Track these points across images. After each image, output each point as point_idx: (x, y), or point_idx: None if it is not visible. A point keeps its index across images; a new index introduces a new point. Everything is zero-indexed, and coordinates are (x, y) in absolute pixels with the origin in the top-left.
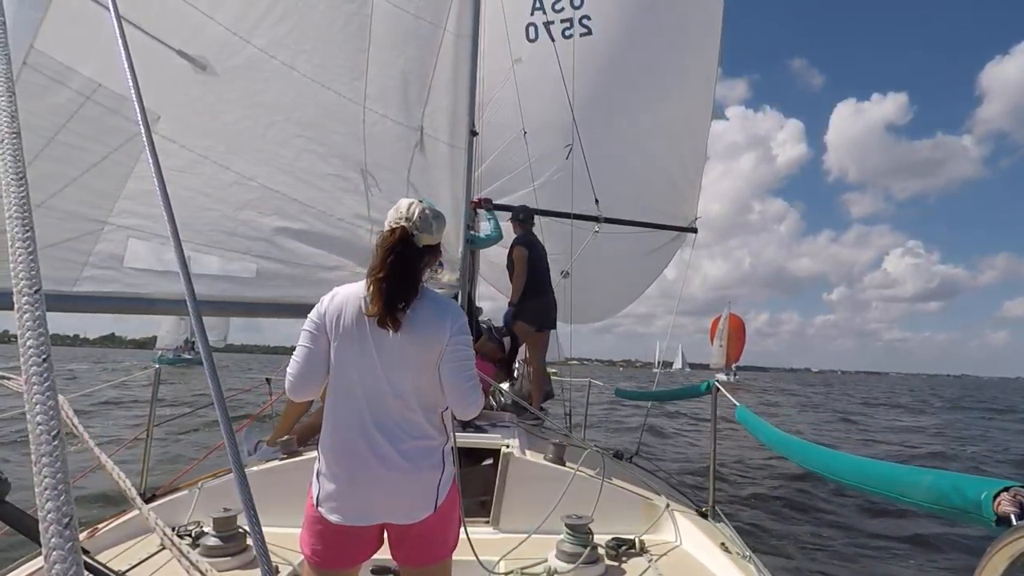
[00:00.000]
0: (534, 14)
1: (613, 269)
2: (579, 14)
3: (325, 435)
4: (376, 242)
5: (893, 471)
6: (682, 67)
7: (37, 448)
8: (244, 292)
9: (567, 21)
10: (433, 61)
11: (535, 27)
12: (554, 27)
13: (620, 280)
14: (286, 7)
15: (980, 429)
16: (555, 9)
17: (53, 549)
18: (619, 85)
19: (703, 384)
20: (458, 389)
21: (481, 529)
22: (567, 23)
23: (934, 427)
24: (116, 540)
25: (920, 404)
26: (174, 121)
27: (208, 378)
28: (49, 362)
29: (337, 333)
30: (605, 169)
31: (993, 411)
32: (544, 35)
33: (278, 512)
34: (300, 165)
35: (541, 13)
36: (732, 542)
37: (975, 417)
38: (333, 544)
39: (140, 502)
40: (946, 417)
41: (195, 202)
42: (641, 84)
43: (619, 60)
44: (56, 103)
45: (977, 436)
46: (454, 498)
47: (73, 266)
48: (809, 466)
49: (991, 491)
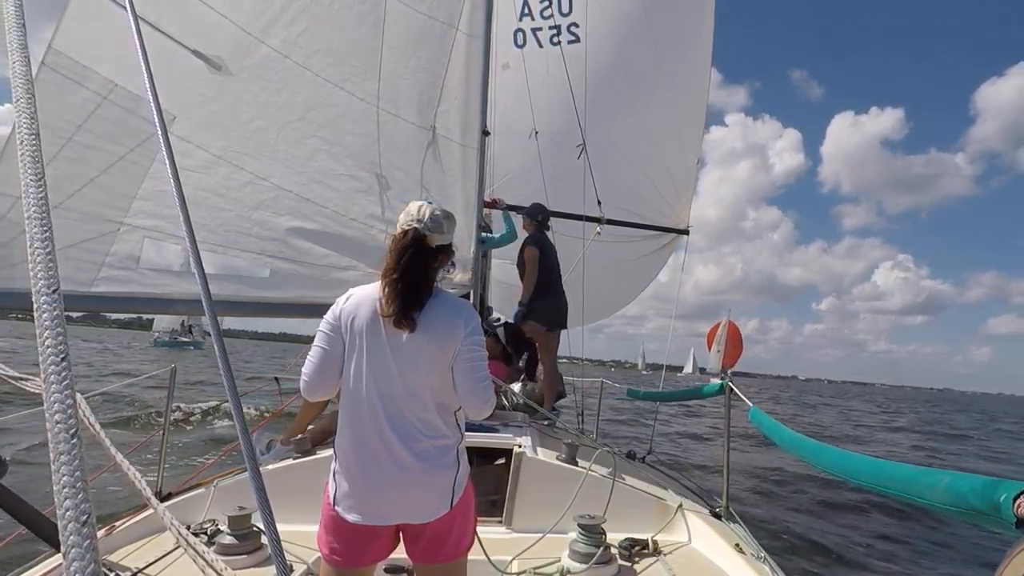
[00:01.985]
0: (522, 20)
1: (606, 273)
2: (567, 21)
3: (341, 435)
4: (388, 244)
5: (910, 472)
6: (673, 73)
7: (55, 447)
8: (258, 292)
9: (555, 28)
10: (446, 61)
11: (523, 33)
12: (542, 33)
13: (613, 284)
14: (300, 7)
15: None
16: (543, 16)
17: (72, 547)
18: (608, 91)
19: (715, 384)
20: (471, 389)
21: (494, 529)
22: (555, 30)
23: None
24: (132, 538)
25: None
26: (189, 121)
27: (224, 379)
28: (67, 361)
29: (352, 334)
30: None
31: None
32: (532, 41)
33: (292, 511)
34: (314, 165)
35: (529, 19)
36: (746, 543)
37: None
38: (351, 543)
39: (155, 501)
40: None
41: (210, 202)
42: (629, 90)
43: (607, 67)
44: (74, 103)
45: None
46: (469, 497)
47: (90, 266)
48: (824, 467)
49: (1011, 493)
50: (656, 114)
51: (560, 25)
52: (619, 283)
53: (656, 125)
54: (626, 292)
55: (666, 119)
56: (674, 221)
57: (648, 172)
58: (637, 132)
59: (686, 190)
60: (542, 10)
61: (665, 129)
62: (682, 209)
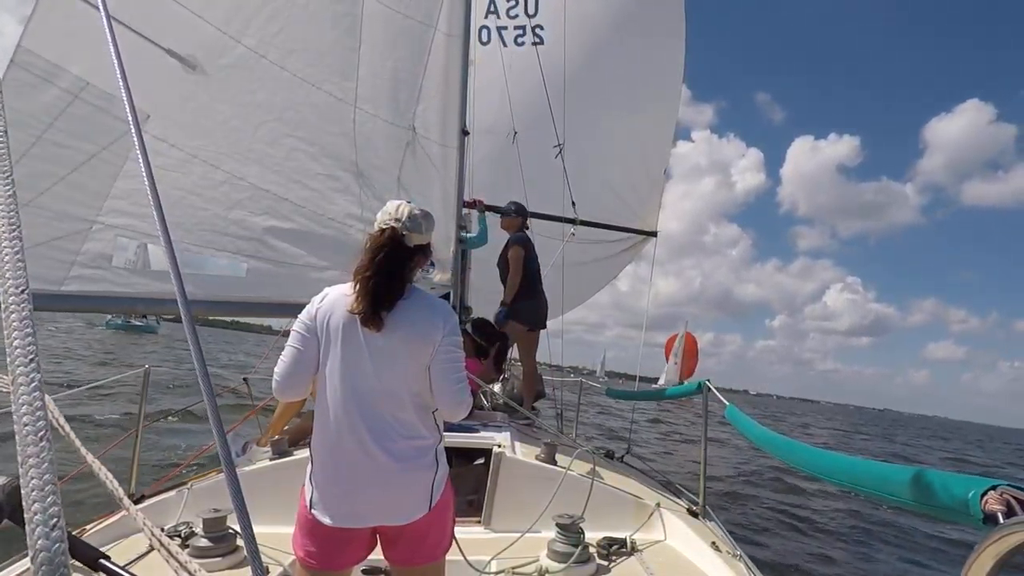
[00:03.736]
0: (488, 18)
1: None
2: (533, 22)
3: (317, 437)
4: (365, 243)
5: (881, 469)
6: (641, 79)
7: (23, 449)
8: (234, 292)
9: (520, 28)
10: (424, 60)
11: (488, 30)
12: (507, 32)
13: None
14: (276, 7)
15: None
16: (509, 15)
17: (40, 551)
18: (569, 95)
19: (693, 384)
20: (447, 390)
21: (472, 529)
22: (520, 30)
23: None
24: (104, 541)
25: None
26: (164, 120)
27: (200, 380)
28: (36, 362)
29: (328, 334)
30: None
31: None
32: (496, 40)
33: (269, 512)
34: (291, 165)
35: (495, 17)
36: (722, 541)
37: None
38: (327, 546)
39: (128, 502)
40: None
41: (185, 201)
42: (593, 95)
43: (570, 71)
44: (44, 101)
45: None
46: (448, 498)
47: (61, 265)
48: (796, 464)
49: (979, 490)
50: (626, 120)
51: (525, 25)
52: (580, 280)
53: (626, 130)
54: (585, 290)
55: (634, 122)
56: (642, 224)
57: (615, 174)
58: (605, 136)
59: (653, 193)
60: (508, 9)
61: (634, 131)
62: (650, 213)
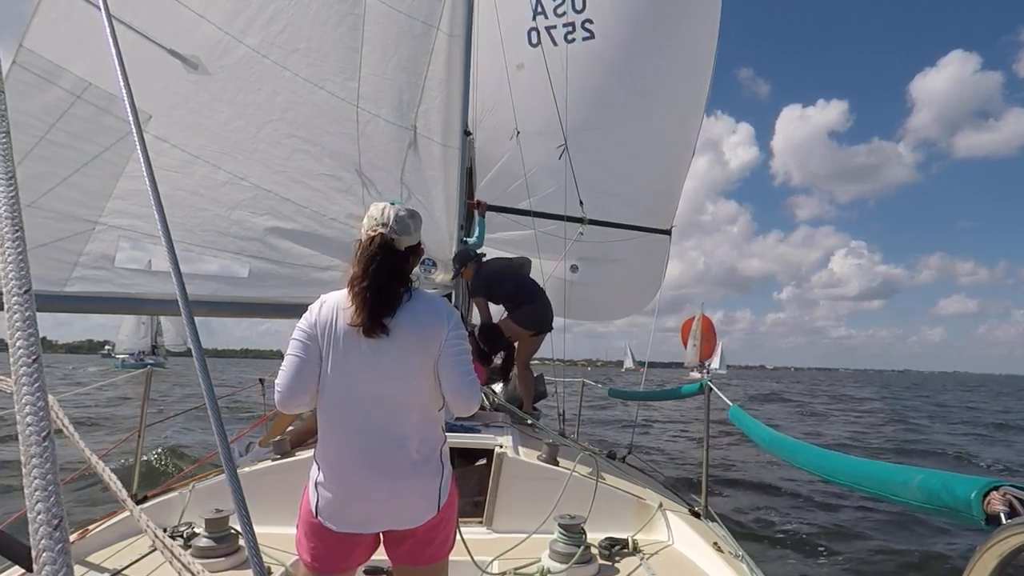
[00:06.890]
0: (536, 19)
1: (621, 271)
2: (581, 18)
3: (322, 444)
4: (355, 251)
5: (884, 470)
6: (679, 70)
7: (27, 449)
8: (237, 292)
9: (569, 25)
10: (426, 61)
11: (537, 32)
12: (556, 31)
13: (628, 282)
14: (278, 7)
15: None
16: (557, 13)
17: (43, 551)
18: (620, 88)
19: (695, 384)
20: (457, 384)
21: (475, 529)
22: (569, 27)
23: None
24: (107, 541)
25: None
26: (166, 120)
27: (200, 379)
28: (39, 363)
29: (330, 341)
30: (600, 172)
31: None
32: (547, 40)
33: (270, 513)
34: (293, 165)
35: (543, 18)
36: (725, 541)
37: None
38: (334, 550)
39: (131, 503)
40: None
41: (187, 202)
42: (640, 87)
43: (621, 64)
44: (46, 102)
45: None
46: (454, 499)
47: (64, 266)
48: (801, 465)
49: (981, 490)
50: (663, 109)
51: (574, 22)
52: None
53: (662, 122)
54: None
55: (670, 115)
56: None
57: (651, 168)
58: (645, 128)
59: (680, 187)
60: (556, 7)
61: (670, 125)
62: (674, 204)
